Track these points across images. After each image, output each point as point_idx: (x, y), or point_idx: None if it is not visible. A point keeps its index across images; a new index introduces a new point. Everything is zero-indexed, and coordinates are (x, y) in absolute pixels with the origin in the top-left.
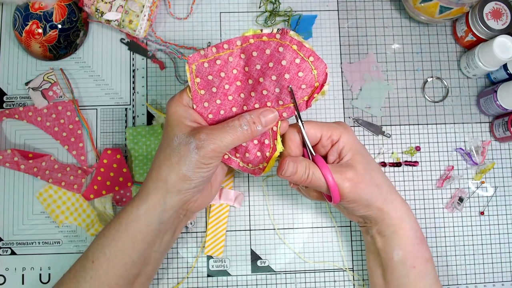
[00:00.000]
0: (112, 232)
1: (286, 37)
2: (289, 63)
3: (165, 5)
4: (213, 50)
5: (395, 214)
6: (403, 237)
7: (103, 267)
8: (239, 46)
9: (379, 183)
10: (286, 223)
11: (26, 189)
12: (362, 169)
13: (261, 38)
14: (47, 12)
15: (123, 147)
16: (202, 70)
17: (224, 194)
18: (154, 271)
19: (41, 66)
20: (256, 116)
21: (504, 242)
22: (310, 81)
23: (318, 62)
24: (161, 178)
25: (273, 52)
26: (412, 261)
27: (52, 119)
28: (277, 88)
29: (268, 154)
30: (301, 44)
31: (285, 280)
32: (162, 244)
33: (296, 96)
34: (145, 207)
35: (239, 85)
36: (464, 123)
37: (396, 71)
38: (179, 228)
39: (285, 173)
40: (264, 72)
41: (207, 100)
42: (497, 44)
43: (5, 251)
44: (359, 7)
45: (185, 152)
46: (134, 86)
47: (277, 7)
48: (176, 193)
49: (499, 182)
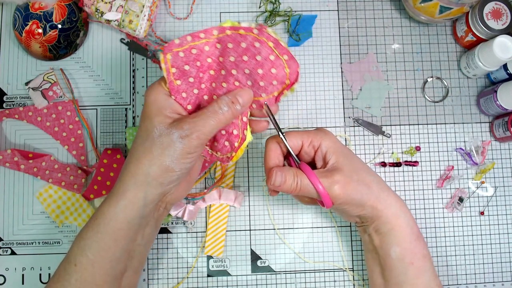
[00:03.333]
0: (91, 234)
1: (263, 33)
2: (264, 59)
3: (165, 5)
4: (188, 38)
5: (390, 211)
6: (400, 234)
7: (88, 269)
8: (215, 36)
9: (368, 181)
10: (286, 223)
11: (26, 189)
12: (348, 170)
13: (238, 30)
14: (47, 12)
15: (123, 147)
16: (178, 60)
17: (224, 194)
18: (140, 264)
19: (41, 66)
20: (233, 96)
21: (504, 242)
22: (282, 78)
23: (291, 61)
24: (141, 172)
25: (248, 46)
26: (410, 257)
27: (52, 119)
28: (249, 81)
29: (237, 144)
30: (277, 41)
31: (285, 280)
32: (145, 237)
33: (267, 90)
34: (123, 203)
35: (212, 74)
36: (464, 123)
37: (396, 71)
38: (160, 219)
39: (274, 183)
40: (237, 64)
41: (184, 90)
42: (497, 44)
43: (5, 251)
44: (359, 7)
45: (168, 143)
46: (134, 86)
47: (277, 7)
48: (157, 187)
49: (499, 182)
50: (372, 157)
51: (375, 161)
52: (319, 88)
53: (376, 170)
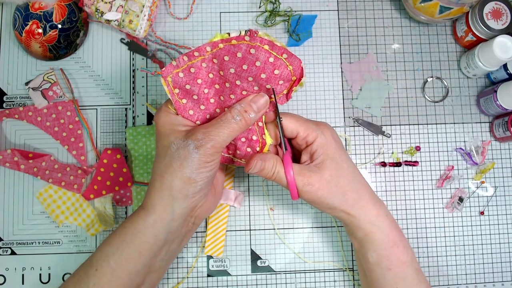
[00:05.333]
0: (117, 242)
1: (255, 38)
2: (263, 63)
3: (165, 5)
4: (184, 58)
5: (364, 219)
6: (374, 240)
7: (107, 276)
8: (209, 52)
9: (345, 190)
10: (286, 223)
11: (26, 189)
12: (329, 175)
13: (230, 42)
14: (47, 12)
15: (123, 147)
16: (178, 81)
17: (224, 194)
18: (158, 279)
19: (41, 66)
20: (247, 104)
21: (504, 242)
22: (287, 76)
23: (292, 58)
24: (165, 186)
25: (245, 54)
26: (387, 263)
27: (52, 119)
28: (255, 87)
29: (258, 149)
30: (272, 43)
31: (285, 280)
32: (168, 253)
33: (276, 91)
34: (153, 218)
35: (218, 88)
36: (464, 123)
37: (396, 71)
38: (187, 236)
39: (252, 170)
40: (239, 75)
41: (191, 108)
42: (497, 44)
43: (5, 251)
44: (359, 7)
45: (185, 154)
46: (134, 86)
47: (277, 7)
48: (183, 199)
49: (499, 182)
50: (372, 157)
51: (375, 161)
52: (319, 88)
53: (376, 170)
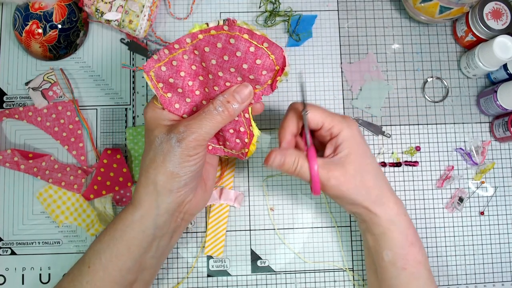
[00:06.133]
0: (107, 239)
1: (234, 28)
2: (244, 53)
3: (165, 5)
4: (165, 52)
5: (384, 216)
6: (392, 239)
7: (99, 273)
8: (189, 44)
9: (369, 186)
10: (286, 223)
11: (26, 189)
12: (353, 169)
13: (209, 32)
14: (47, 12)
15: (123, 147)
16: (161, 75)
17: (224, 194)
18: (151, 277)
19: (41, 66)
20: (230, 94)
21: (504, 242)
22: (270, 66)
23: (273, 47)
24: (150, 181)
25: (224, 44)
26: (402, 263)
27: (52, 119)
28: (238, 77)
29: (247, 141)
30: (251, 32)
31: (285, 280)
32: (159, 250)
33: (259, 82)
34: (139, 213)
35: (202, 80)
36: (464, 123)
37: (396, 71)
38: (177, 232)
39: (271, 164)
40: (221, 66)
41: (176, 101)
42: (497, 44)
43: (5, 251)
44: (359, 7)
45: (167, 148)
46: (134, 86)
47: (277, 7)
48: (167, 194)
49: (499, 182)
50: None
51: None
52: (319, 88)
53: None
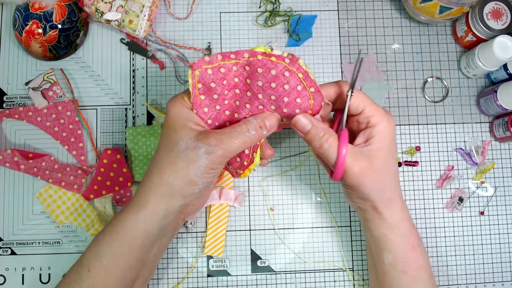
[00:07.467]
0: (108, 240)
1: (294, 64)
2: (291, 88)
3: (165, 5)
4: (218, 57)
5: (389, 219)
6: (392, 242)
7: (101, 275)
8: (245, 59)
9: (385, 186)
10: (286, 223)
11: (26, 189)
12: (378, 165)
13: (269, 57)
14: (47, 12)
15: (123, 147)
16: (205, 77)
17: (224, 194)
18: (151, 273)
19: (41, 66)
20: (261, 120)
21: (504, 242)
22: (305, 108)
23: (317, 94)
24: (164, 182)
25: (278, 74)
26: (403, 266)
27: (52, 119)
28: (272, 106)
29: (246, 164)
30: (307, 74)
31: (285, 280)
32: (160, 248)
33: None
34: (144, 213)
35: (237, 93)
36: (464, 123)
37: (396, 71)
38: (176, 230)
39: (295, 124)
40: (264, 90)
41: (206, 105)
42: (497, 44)
43: (5, 251)
44: (359, 7)
45: (193, 157)
46: (134, 86)
47: (277, 7)
48: (180, 198)
49: (499, 182)
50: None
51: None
52: None
53: None
